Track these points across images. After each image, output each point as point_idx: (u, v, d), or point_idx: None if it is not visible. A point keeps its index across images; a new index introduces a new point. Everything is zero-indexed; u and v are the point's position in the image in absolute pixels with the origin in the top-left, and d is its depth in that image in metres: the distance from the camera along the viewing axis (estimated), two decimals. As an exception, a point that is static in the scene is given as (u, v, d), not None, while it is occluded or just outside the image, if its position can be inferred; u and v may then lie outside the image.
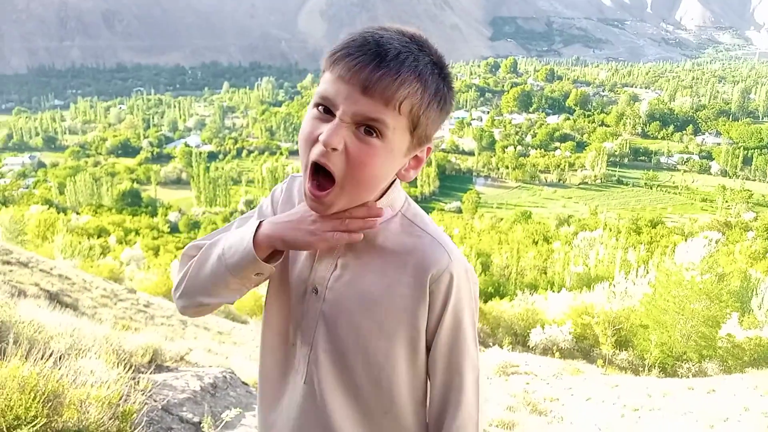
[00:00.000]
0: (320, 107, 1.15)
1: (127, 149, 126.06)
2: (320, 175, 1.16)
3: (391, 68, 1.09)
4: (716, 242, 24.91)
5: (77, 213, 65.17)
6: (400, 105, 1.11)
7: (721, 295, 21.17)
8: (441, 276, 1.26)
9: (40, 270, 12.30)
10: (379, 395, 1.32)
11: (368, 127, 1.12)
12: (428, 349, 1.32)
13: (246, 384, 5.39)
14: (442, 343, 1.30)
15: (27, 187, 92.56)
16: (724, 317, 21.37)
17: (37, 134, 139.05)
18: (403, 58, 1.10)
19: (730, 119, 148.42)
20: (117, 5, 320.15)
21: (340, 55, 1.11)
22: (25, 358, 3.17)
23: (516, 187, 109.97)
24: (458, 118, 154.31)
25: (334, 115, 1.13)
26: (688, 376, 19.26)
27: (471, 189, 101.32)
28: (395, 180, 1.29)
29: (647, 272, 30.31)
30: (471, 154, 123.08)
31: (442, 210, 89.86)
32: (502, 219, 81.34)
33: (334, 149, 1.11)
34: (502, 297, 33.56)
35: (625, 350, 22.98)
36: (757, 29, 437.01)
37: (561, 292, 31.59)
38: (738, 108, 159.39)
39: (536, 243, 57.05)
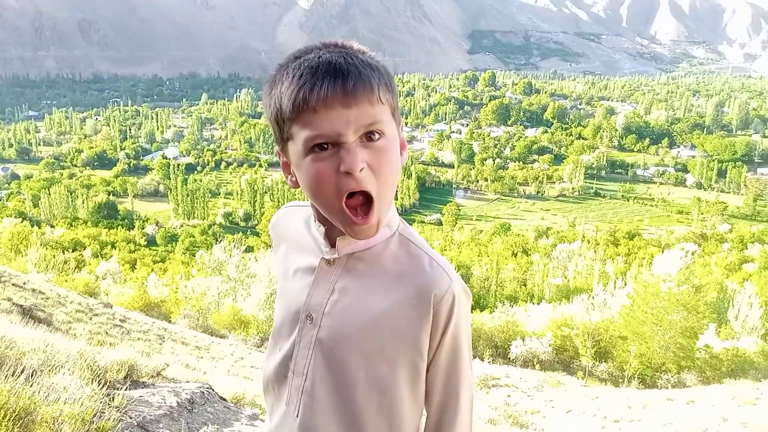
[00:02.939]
0: (315, 148, 1.14)
1: (103, 161, 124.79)
2: (351, 201, 1.16)
3: (354, 74, 1.11)
4: (692, 254, 25.19)
5: (52, 226, 64.40)
6: (380, 98, 1.14)
7: (698, 307, 21.39)
8: (444, 297, 1.25)
9: (13, 284, 12.05)
10: (379, 427, 1.28)
11: (369, 134, 1.14)
12: (426, 370, 1.31)
13: (224, 399, 5.28)
14: (441, 364, 1.29)
15: (0, 200, 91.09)
16: (702, 328, 21.59)
17: (11, 145, 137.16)
18: (351, 61, 1.13)
19: (705, 132, 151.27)
20: (93, 15, 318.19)
21: (304, 94, 1.10)
22: (-5, 375, 3.06)
23: (495, 200, 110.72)
24: (438, 130, 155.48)
25: (333, 147, 1.13)
26: (667, 387, 19.40)
27: (451, 201, 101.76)
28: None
29: (625, 284, 30.57)
30: (450, 166, 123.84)
31: (423, 222, 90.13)
32: (481, 231, 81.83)
33: (362, 169, 1.12)
34: (482, 309, 33.68)
35: (605, 362, 23.10)
36: (730, 44, 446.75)
37: (541, 304, 31.76)
38: (712, 121, 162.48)
39: (515, 255, 57.41)
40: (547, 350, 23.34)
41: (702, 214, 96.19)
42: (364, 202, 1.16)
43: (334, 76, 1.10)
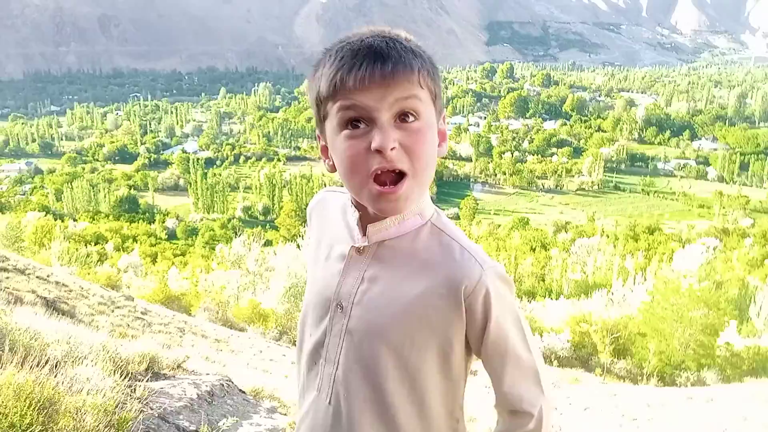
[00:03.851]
0: (350, 125, 1.14)
1: (124, 155, 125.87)
2: (381, 177, 1.16)
3: (394, 56, 1.11)
4: (714, 249, 24.93)
5: (74, 220, 65.13)
6: (420, 80, 1.14)
7: (719, 303, 21.13)
8: (475, 289, 1.22)
9: (37, 277, 12.24)
10: (412, 413, 1.28)
11: (404, 115, 1.14)
12: (477, 355, 1.31)
13: (243, 392, 5.35)
14: (490, 355, 1.28)
15: (24, 194, 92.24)
16: (723, 325, 21.32)
17: (34, 140, 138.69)
18: (392, 45, 1.13)
19: (727, 124, 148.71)
20: (113, 10, 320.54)
21: (342, 74, 1.11)
22: (21, 365, 3.14)
23: (513, 194, 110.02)
24: (455, 123, 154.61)
25: (367, 125, 1.14)
26: (686, 385, 19.20)
27: (468, 195, 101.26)
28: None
29: (645, 279, 30.27)
30: (468, 160, 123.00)
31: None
32: (499, 225, 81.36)
33: (393, 148, 1.12)
34: (500, 304, 33.50)
35: (624, 358, 22.91)
36: (753, 33, 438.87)
37: (559, 299, 31.57)
38: (734, 113, 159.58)
39: (534, 250, 57.06)
40: (565, 346, 23.19)
41: (724, 208, 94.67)
42: (396, 178, 1.15)
43: (373, 59, 1.10)
